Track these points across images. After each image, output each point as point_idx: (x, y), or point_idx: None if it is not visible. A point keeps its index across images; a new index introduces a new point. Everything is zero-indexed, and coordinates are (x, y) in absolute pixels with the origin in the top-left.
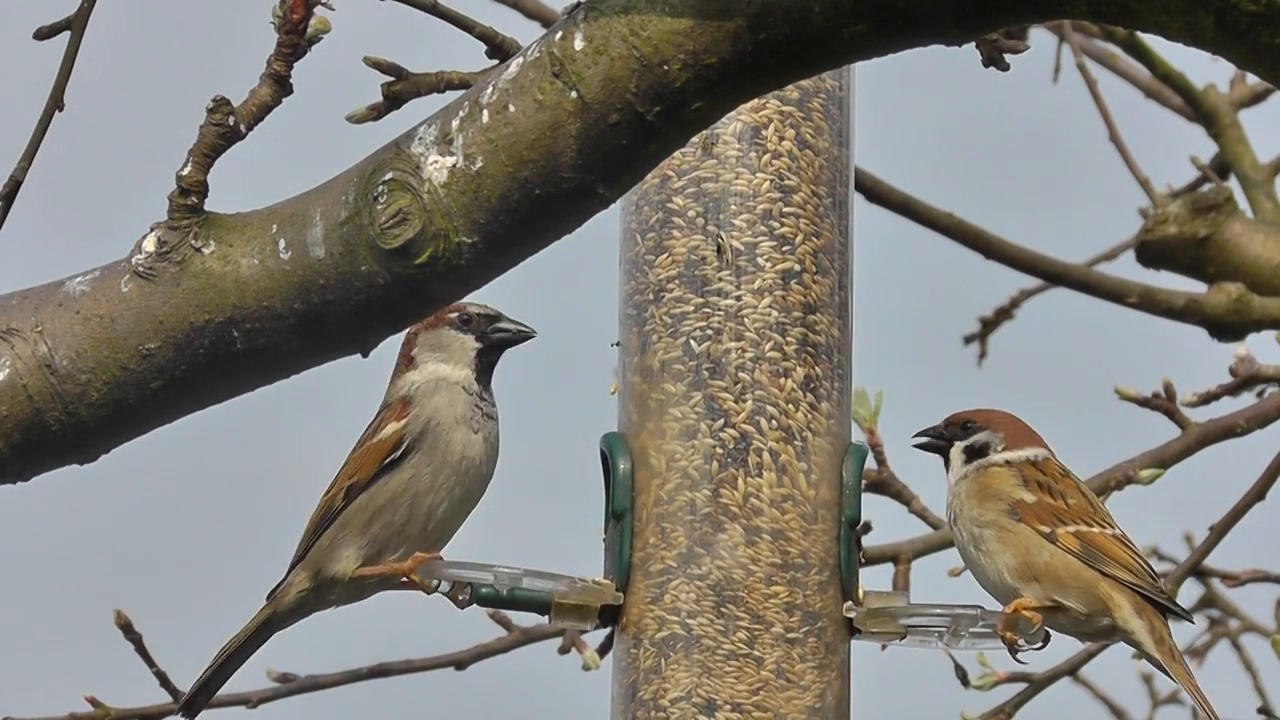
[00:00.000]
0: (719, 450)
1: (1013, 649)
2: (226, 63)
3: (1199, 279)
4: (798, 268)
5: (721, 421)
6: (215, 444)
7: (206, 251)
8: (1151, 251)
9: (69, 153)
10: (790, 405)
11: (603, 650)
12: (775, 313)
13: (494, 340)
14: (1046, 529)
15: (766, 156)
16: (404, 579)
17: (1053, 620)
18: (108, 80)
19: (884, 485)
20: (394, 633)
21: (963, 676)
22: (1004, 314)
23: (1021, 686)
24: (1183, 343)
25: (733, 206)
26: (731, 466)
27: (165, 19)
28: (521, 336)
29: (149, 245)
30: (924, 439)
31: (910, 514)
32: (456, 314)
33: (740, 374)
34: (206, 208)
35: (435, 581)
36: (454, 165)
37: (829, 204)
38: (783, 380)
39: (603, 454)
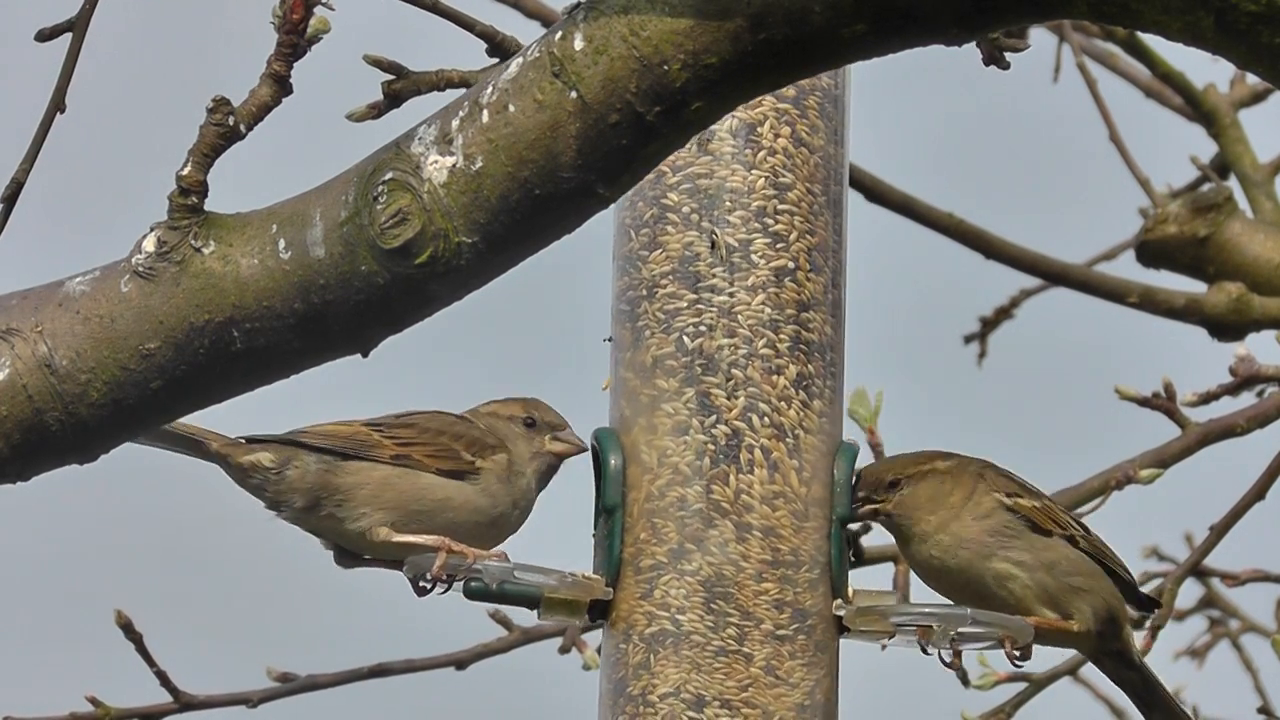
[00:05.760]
0: (711, 447)
1: (1011, 655)
2: (226, 63)
3: (1199, 279)
4: (791, 265)
5: (713, 418)
6: None
7: (206, 251)
8: (1151, 251)
9: (70, 154)
10: (782, 403)
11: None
12: (768, 310)
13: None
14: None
15: (762, 153)
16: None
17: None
18: (109, 81)
19: None
20: (394, 633)
21: (963, 676)
22: (1004, 314)
23: (1021, 686)
24: (1183, 343)
25: (727, 203)
26: (723, 463)
27: (165, 19)
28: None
29: (149, 245)
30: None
31: None
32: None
33: (733, 371)
34: (206, 208)
35: (427, 580)
36: (454, 165)
37: (823, 202)
38: (775, 377)
39: (594, 449)
